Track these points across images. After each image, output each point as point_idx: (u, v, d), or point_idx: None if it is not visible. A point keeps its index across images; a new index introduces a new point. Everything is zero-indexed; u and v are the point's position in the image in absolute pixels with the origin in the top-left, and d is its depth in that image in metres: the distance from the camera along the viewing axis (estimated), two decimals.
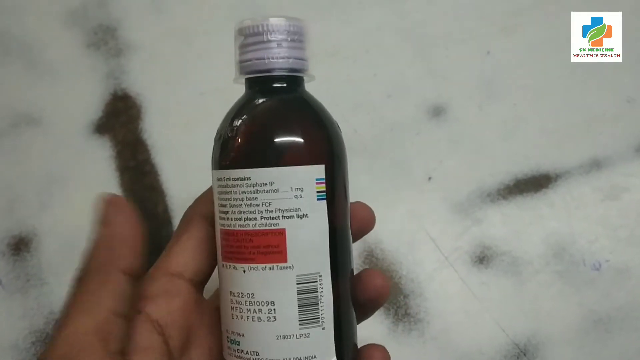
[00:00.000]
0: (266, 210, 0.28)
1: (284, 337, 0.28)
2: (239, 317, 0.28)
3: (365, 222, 0.32)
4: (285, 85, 0.30)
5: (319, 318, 0.28)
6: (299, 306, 0.28)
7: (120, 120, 0.47)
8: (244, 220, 0.28)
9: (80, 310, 0.26)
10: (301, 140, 0.29)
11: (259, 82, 0.30)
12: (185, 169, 0.46)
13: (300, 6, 0.48)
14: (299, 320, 0.28)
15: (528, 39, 0.47)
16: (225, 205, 0.29)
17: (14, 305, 0.43)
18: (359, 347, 0.31)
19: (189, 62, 0.48)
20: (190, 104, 0.47)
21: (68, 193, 0.45)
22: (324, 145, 0.29)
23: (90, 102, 0.47)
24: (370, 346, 0.31)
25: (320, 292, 0.28)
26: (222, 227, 0.29)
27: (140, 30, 0.49)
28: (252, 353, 0.28)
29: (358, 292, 0.30)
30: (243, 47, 0.30)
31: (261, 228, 0.28)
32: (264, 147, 0.29)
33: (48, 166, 0.46)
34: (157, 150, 0.46)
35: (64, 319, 0.26)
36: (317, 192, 0.28)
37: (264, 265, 0.28)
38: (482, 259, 0.43)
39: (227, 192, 0.28)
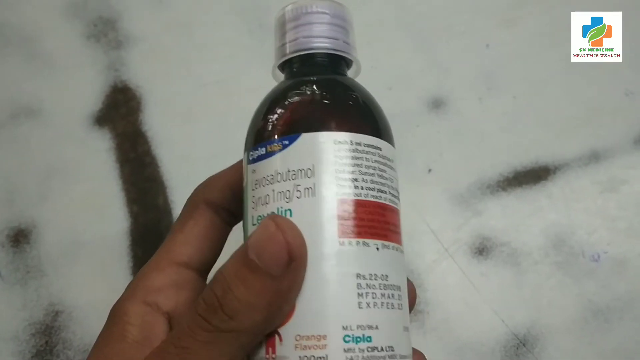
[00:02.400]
0: (391, 187, 0.26)
1: (405, 329, 0.25)
2: (372, 304, 0.23)
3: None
4: (334, 68, 0.28)
5: (408, 312, 0.26)
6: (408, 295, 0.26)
7: (120, 112, 0.47)
8: (377, 192, 0.25)
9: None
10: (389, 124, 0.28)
11: (307, 63, 0.28)
12: (185, 161, 0.46)
13: None
14: (409, 312, 0.26)
15: (528, 31, 0.48)
16: (352, 172, 0.24)
17: (13, 296, 0.43)
18: None
19: (189, 54, 0.48)
20: (190, 96, 0.47)
21: (68, 185, 0.45)
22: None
23: (90, 94, 0.47)
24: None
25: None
26: (346, 197, 0.24)
27: (140, 22, 0.49)
28: (387, 349, 0.23)
29: None
30: (289, 30, 0.28)
31: (390, 204, 0.25)
32: (387, 124, 0.27)
33: (48, 158, 0.46)
34: (157, 142, 0.46)
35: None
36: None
37: (393, 244, 0.25)
38: (482, 250, 0.43)
39: (357, 158, 0.25)
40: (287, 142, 0.25)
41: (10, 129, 0.46)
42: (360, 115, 0.27)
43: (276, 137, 0.25)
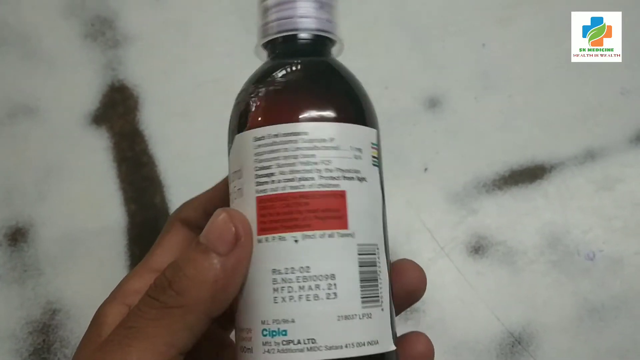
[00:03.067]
0: (325, 169, 0.24)
1: (345, 317, 0.24)
2: (288, 298, 0.24)
3: (415, 286, 0.29)
4: (316, 48, 0.28)
5: (378, 297, 0.25)
6: (361, 280, 0.24)
7: (118, 111, 0.47)
8: (298, 181, 0.24)
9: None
10: (356, 100, 0.27)
11: (288, 44, 0.27)
12: (182, 160, 0.46)
13: None
14: (362, 298, 0.24)
15: (524, 30, 0.48)
16: (268, 167, 0.25)
17: (11, 295, 0.43)
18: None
19: (186, 53, 0.48)
20: (187, 95, 0.47)
21: (65, 184, 0.45)
22: (373, 112, 0.27)
23: (87, 93, 0.47)
24: (412, 334, 0.29)
25: (379, 267, 0.25)
26: (263, 194, 0.25)
27: (137, 21, 0.49)
28: (306, 341, 0.23)
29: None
30: (269, 9, 0.27)
31: (319, 189, 0.24)
32: (322, 101, 0.26)
33: (45, 157, 0.46)
34: (154, 141, 0.46)
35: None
36: (372, 157, 0.26)
37: (322, 232, 0.24)
38: (478, 248, 0.43)
39: (274, 151, 0.25)
40: (230, 145, 0.27)
41: (8, 127, 0.47)
42: (281, 104, 0.26)
43: (228, 141, 0.27)
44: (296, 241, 0.24)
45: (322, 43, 0.28)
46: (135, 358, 0.23)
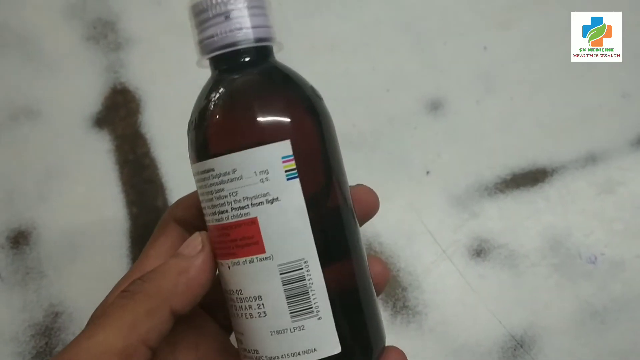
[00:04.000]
0: (235, 201, 0.26)
1: (277, 332, 0.26)
2: (236, 315, 0.27)
3: (368, 205, 0.31)
4: (251, 58, 0.27)
5: (312, 307, 0.26)
6: (287, 297, 0.26)
7: (120, 113, 0.47)
8: (218, 214, 0.26)
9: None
10: (259, 118, 0.26)
11: (221, 61, 0.28)
12: (184, 163, 0.45)
13: (297, 1, 0.48)
14: (290, 313, 0.26)
15: (525, 33, 0.48)
16: (202, 201, 0.27)
17: (13, 298, 0.43)
18: None
19: (188, 55, 0.48)
20: (189, 98, 0.47)
21: (67, 186, 0.45)
22: (288, 119, 0.26)
23: (89, 96, 0.47)
24: (388, 348, 0.29)
25: (309, 280, 0.26)
26: (207, 224, 0.28)
27: (139, 24, 0.49)
28: (253, 351, 0.27)
29: None
30: (200, 25, 0.27)
31: (234, 220, 0.26)
32: (219, 133, 0.27)
33: (47, 159, 0.46)
34: (156, 144, 0.46)
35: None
36: (286, 171, 0.25)
37: (244, 258, 0.26)
38: (480, 252, 0.43)
39: (201, 187, 0.27)
40: None
41: (10, 130, 0.47)
42: (197, 142, 0.27)
43: None
44: (229, 267, 0.27)
45: (257, 52, 0.27)
46: (101, 339, 0.24)
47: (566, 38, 0.46)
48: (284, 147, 0.25)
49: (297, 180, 0.26)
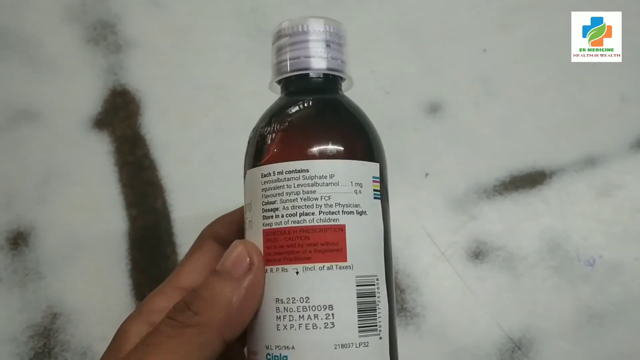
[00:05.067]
0: (325, 205, 0.26)
1: (342, 346, 0.25)
2: (289, 326, 0.25)
3: None
4: (326, 86, 0.29)
5: (376, 326, 0.26)
6: (359, 310, 0.26)
7: (120, 115, 0.47)
8: (299, 216, 0.26)
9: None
10: (359, 136, 0.28)
11: (300, 82, 0.29)
12: (184, 164, 0.46)
13: (299, 3, 0.49)
14: (359, 327, 0.26)
15: (524, 36, 0.48)
16: (273, 202, 0.27)
17: (12, 299, 0.43)
18: None
19: (188, 57, 0.49)
20: (189, 100, 0.48)
21: (66, 188, 0.46)
22: (377, 145, 0.29)
23: (89, 98, 0.48)
24: None
25: (378, 297, 0.26)
26: (268, 227, 0.27)
27: (139, 26, 0.49)
28: None
29: None
30: (283, 48, 0.29)
31: (319, 224, 0.26)
32: (323, 139, 0.27)
33: (47, 161, 0.46)
34: (155, 146, 0.46)
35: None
36: (374, 190, 0.27)
37: (321, 264, 0.26)
38: (478, 254, 0.43)
39: (278, 187, 0.26)
40: (244, 179, 0.29)
41: (10, 132, 0.47)
42: (285, 142, 0.28)
43: (244, 174, 0.29)
44: (297, 273, 0.26)
45: (331, 81, 0.30)
46: None
47: (566, 41, 0.46)
48: (376, 168, 0.28)
49: (380, 201, 0.27)
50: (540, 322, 0.42)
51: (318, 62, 0.29)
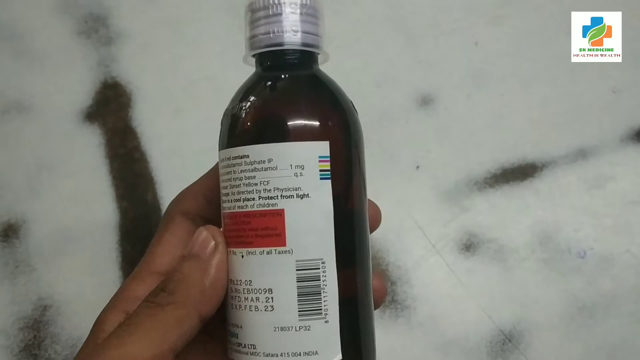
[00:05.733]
0: (264, 190, 0.26)
1: (282, 328, 0.26)
2: (237, 306, 0.27)
3: (370, 220, 0.30)
4: (296, 61, 0.28)
5: (321, 310, 0.26)
6: (299, 295, 0.26)
7: (111, 108, 0.47)
8: (243, 201, 0.26)
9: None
10: (302, 115, 0.27)
11: (267, 58, 0.28)
12: (174, 156, 0.46)
13: None
14: (299, 311, 0.26)
15: (516, 29, 0.48)
16: (226, 187, 0.27)
17: (2, 291, 0.43)
18: None
19: (179, 50, 0.48)
20: (180, 92, 0.47)
21: (57, 180, 0.45)
22: (329, 122, 0.27)
23: (80, 90, 0.47)
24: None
25: (324, 281, 0.26)
26: (223, 211, 0.27)
27: (130, 19, 0.49)
28: (250, 346, 0.26)
29: None
30: (252, 23, 0.28)
31: (259, 209, 0.26)
32: (262, 123, 0.27)
33: (37, 153, 0.46)
34: (146, 138, 0.46)
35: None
36: (320, 170, 0.26)
37: (262, 249, 0.26)
38: (469, 246, 0.43)
39: (228, 172, 0.27)
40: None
41: (1, 124, 0.47)
42: (233, 129, 0.28)
43: None
44: (242, 256, 0.26)
45: (302, 57, 0.28)
46: (130, 349, 0.24)
47: (558, 34, 0.46)
48: (323, 148, 0.26)
49: (329, 181, 0.26)
50: (531, 314, 0.42)
51: (283, 37, 0.27)
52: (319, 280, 0.26)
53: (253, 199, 0.26)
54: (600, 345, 0.41)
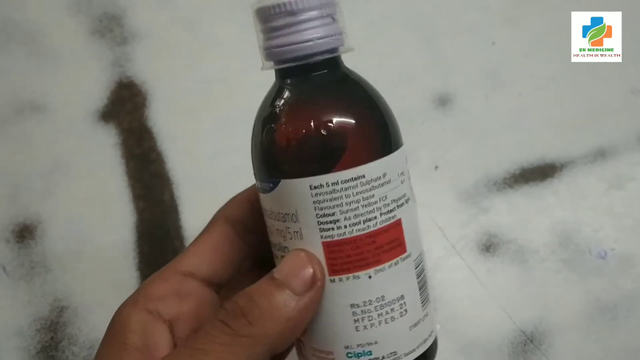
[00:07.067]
0: (384, 205, 0.26)
1: (415, 324, 0.27)
2: (369, 326, 0.26)
3: None
4: (326, 69, 0.26)
5: (428, 295, 0.28)
6: (419, 289, 0.27)
7: (126, 108, 0.47)
8: (363, 223, 0.25)
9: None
10: (394, 122, 0.27)
11: (295, 71, 0.26)
12: (190, 156, 0.46)
13: None
14: (421, 303, 0.27)
15: (533, 29, 0.48)
16: (332, 214, 0.25)
17: (18, 292, 0.43)
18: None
19: (194, 50, 0.48)
20: (195, 92, 0.47)
21: (73, 181, 0.45)
22: (397, 124, 0.28)
23: (95, 90, 0.47)
24: None
25: (425, 270, 0.28)
26: (330, 239, 0.25)
27: (145, 18, 0.49)
28: (389, 355, 0.26)
29: None
30: (271, 31, 0.26)
31: (382, 225, 0.26)
32: (374, 135, 0.26)
33: (53, 154, 0.46)
34: (162, 138, 0.46)
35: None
36: (408, 172, 0.27)
37: (389, 262, 0.26)
38: (489, 247, 0.43)
39: (335, 199, 0.25)
40: (272, 185, 0.26)
41: (15, 124, 0.46)
42: (336, 150, 0.25)
43: (264, 176, 0.26)
44: (369, 277, 0.26)
45: (336, 60, 0.27)
46: None
47: (575, 34, 0.46)
48: (404, 151, 0.27)
49: (410, 180, 0.28)
50: (552, 315, 0.41)
51: (314, 46, 0.25)
52: (424, 270, 0.28)
53: (375, 217, 0.25)
54: (622, 347, 0.41)
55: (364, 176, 0.25)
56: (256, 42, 0.45)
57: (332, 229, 0.25)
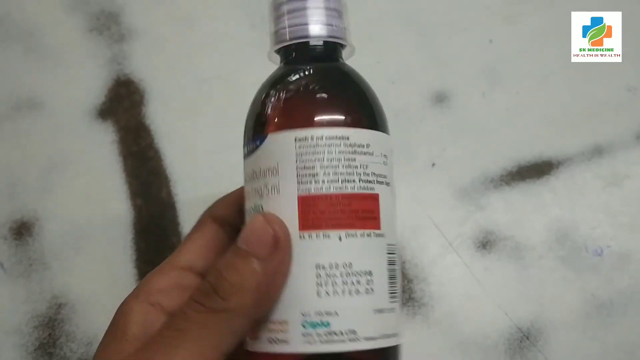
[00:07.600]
0: (364, 173, 0.26)
1: (379, 311, 0.26)
2: (331, 292, 0.25)
3: None
4: (326, 57, 0.29)
5: (397, 292, 0.27)
6: (389, 277, 0.27)
7: (123, 105, 0.47)
8: (342, 182, 0.26)
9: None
10: (379, 109, 0.29)
11: (303, 50, 0.29)
12: (188, 154, 0.46)
13: None
14: (389, 293, 0.26)
15: (531, 27, 0.48)
16: (312, 167, 0.26)
17: (16, 289, 0.43)
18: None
19: (192, 47, 0.48)
20: (193, 90, 0.47)
21: (70, 178, 0.45)
22: (385, 116, 0.29)
23: (92, 87, 0.47)
24: None
25: (397, 265, 0.27)
26: (306, 193, 0.26)
27: (143, 16, 0.49)
28: (348, 333, 0.25)
29: None
30: (281, 17, 0.29)
31: (360, 191, 0.26)
32: (361, 108, 0.28)
33: (50, 151, 0.46)
34: (160, 135, 0.46)
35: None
36: (392, 163, 0.28)
37: (362, 231, 0.26)
38: (486, 244, 0.43)
39: (318, 152, 0.26)
40: (258, 143, 0.27)
41: (13, 121, 0.46)
42: (324, 108, 0.27)
43: (254, 136, 0.28)
44: (340, 239, 0.25)
45: (336, 49, 0.30)
46: (181, 359, 0.24)
47: (573, 31, 0.46)
48: (391, 142, 0.28)
49: (392, 173, 0.28)
50: (549, 312, 0.41)
51: (333, 30, 0.29)
52: (396, 264, 0.27)
53: (354, 180, 0.26)
54: (619, 344, 0.41)
55: (348, 138, 0.26)
56: (254, 40, 0.45)
57: (310, 182, 0.26)
